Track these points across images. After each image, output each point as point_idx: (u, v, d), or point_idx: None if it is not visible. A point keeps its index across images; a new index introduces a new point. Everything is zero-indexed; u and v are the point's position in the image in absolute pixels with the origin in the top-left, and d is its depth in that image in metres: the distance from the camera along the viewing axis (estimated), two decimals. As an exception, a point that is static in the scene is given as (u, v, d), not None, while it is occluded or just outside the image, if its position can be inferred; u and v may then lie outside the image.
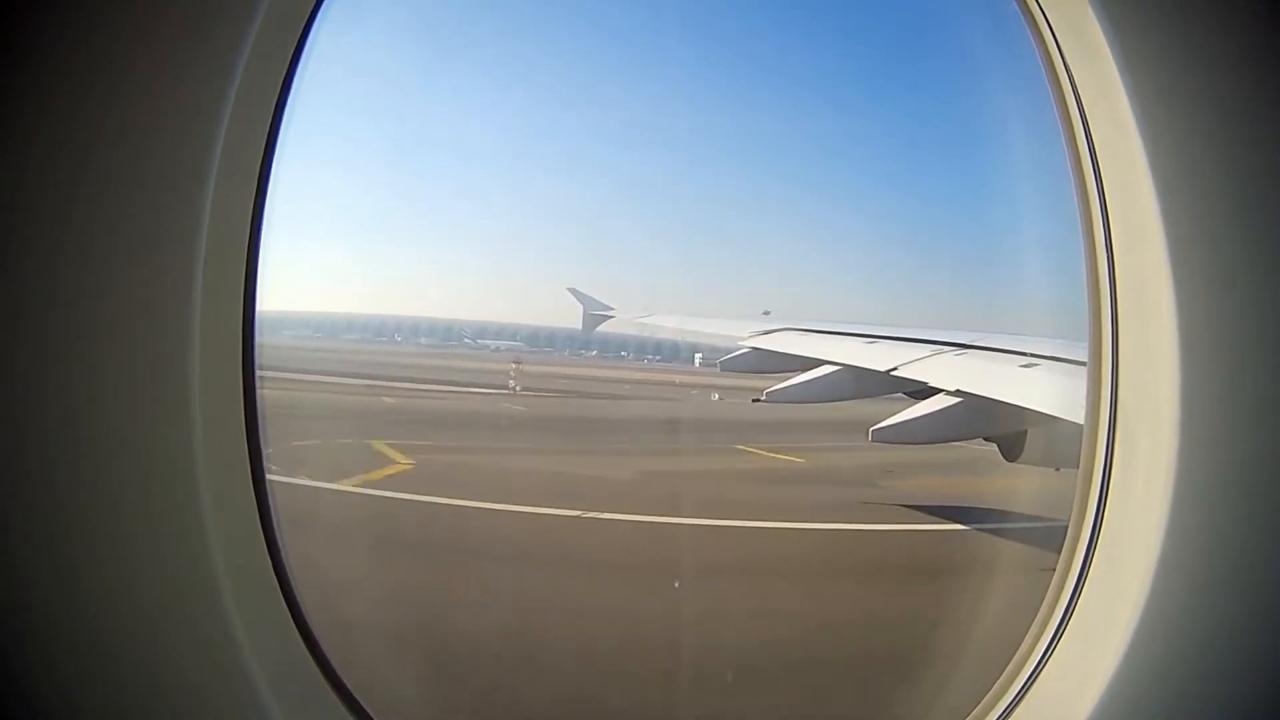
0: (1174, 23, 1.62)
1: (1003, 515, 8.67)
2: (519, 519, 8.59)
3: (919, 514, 9.46)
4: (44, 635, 1.33)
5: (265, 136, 1.52)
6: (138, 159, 1.34)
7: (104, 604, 1.34)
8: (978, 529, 8.63)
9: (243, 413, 1.53)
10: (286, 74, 1.53)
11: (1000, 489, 9.53)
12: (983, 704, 1.89)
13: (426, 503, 8.88)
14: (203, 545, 1.37)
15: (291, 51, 1.53)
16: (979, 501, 9.97)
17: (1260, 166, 1.62)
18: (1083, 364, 1.94)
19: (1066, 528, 1.89)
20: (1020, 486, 8.29)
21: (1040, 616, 1.88)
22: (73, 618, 1.33)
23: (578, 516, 8.67)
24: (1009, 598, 5.41)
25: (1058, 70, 1.84)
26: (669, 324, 14.13)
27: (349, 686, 1.67)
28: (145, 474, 1.36)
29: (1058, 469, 6.88)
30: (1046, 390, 5.92)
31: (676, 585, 6.62)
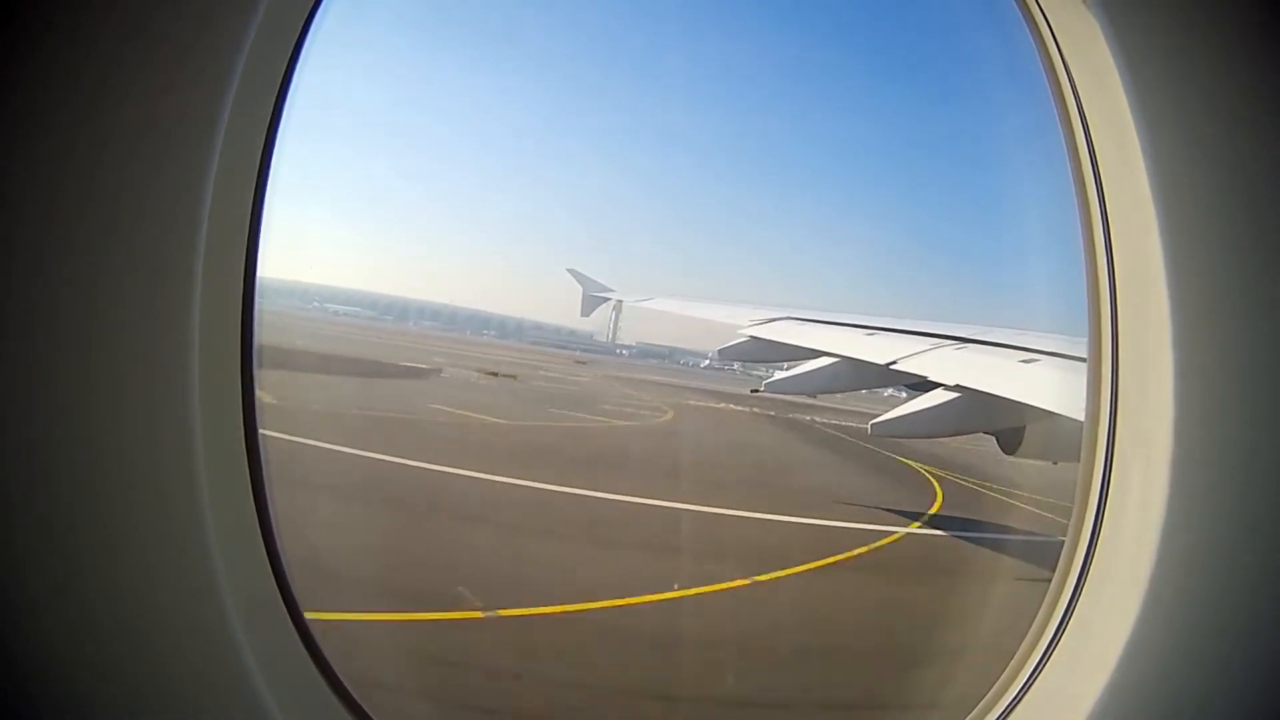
0: (1173, 23, 1.62)
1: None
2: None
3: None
4: (44, 634, 1.33)
5: (265, 135, 1.52)
6: (138, 159, 1.33)
7: (104, 603, 1.35)
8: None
9: (242, 412, 1.53)
10: (286, 72, 1.53)
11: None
12: (982, 704, 1.90)
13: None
14: (203, 545, 1.38)
15: (291, 50, 1.53)
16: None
17: (1260, 166, 1.62)
18: (1082, 360, 1.95)
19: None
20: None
21: (1040, 616, 1.89)
22: (73, 617, 1.34)
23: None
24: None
25: (1058, 70, 1.83)
26: (668, 308, 14.11)
27: (348, 686, 1.67)
28: (145, 474, 1.36)
29: (1055, 463, 6.91)
30: (1045, 386, 5.92)
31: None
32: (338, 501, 8.26)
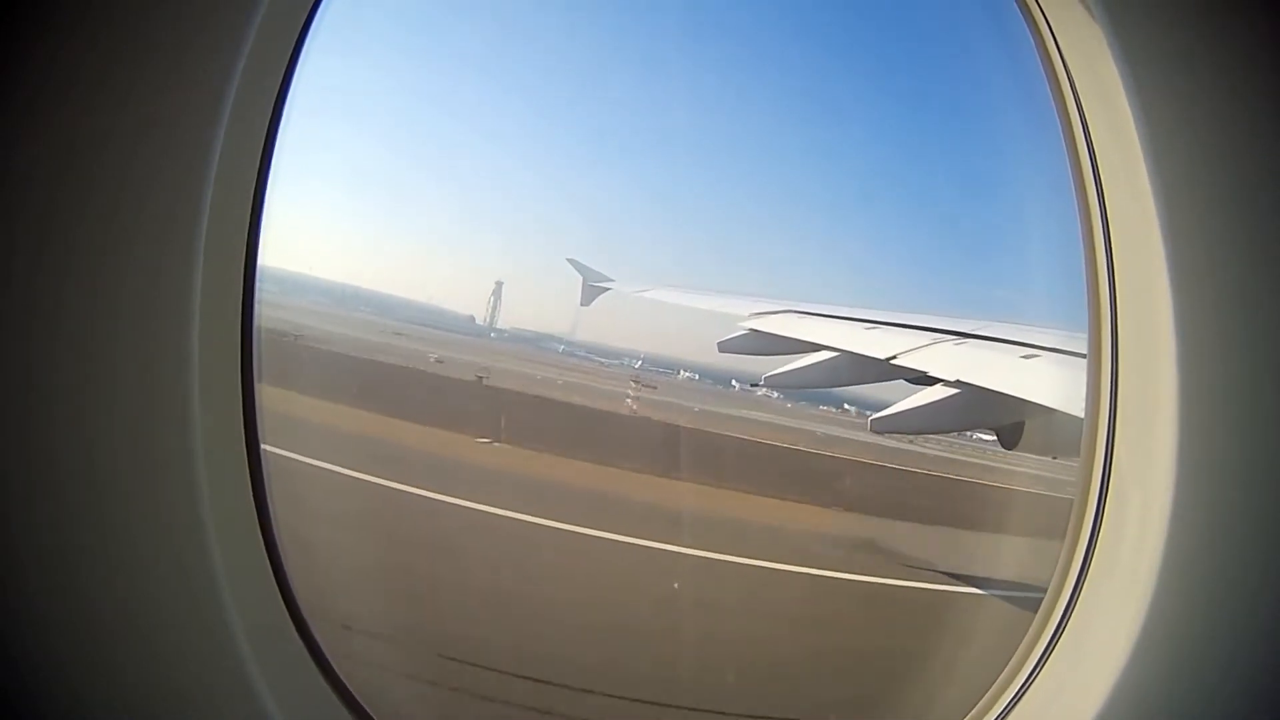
0: (1173, 23, 1.62)
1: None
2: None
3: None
4: (45, 633, 1.34)
5: (265, 135, 1.52)
6: (138, 158, 1.33)
7: (105, 603, 1.35)
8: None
9: (242, 412, 1.53)
10: (286, 73, 1.53)
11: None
12: (982, 703, 1.90)
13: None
14: (202, 544, 1.38)
15: (291, 50, 1.53)
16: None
17: (1259, 166, 1.62)
18: (1083, 356, 1.94)
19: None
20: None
21: (1040, 615, 1.89)
22: (74, 617, 1.34)
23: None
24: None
25: (1058, 70, 1.83)
26: (667, 299, 14.04)
27: (348, 686, 1.68)
28: (145, 473, 1.36)
29: (1055, 458, 6.91)
30: (1046, 383, 5.92)
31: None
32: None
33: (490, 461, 10.68)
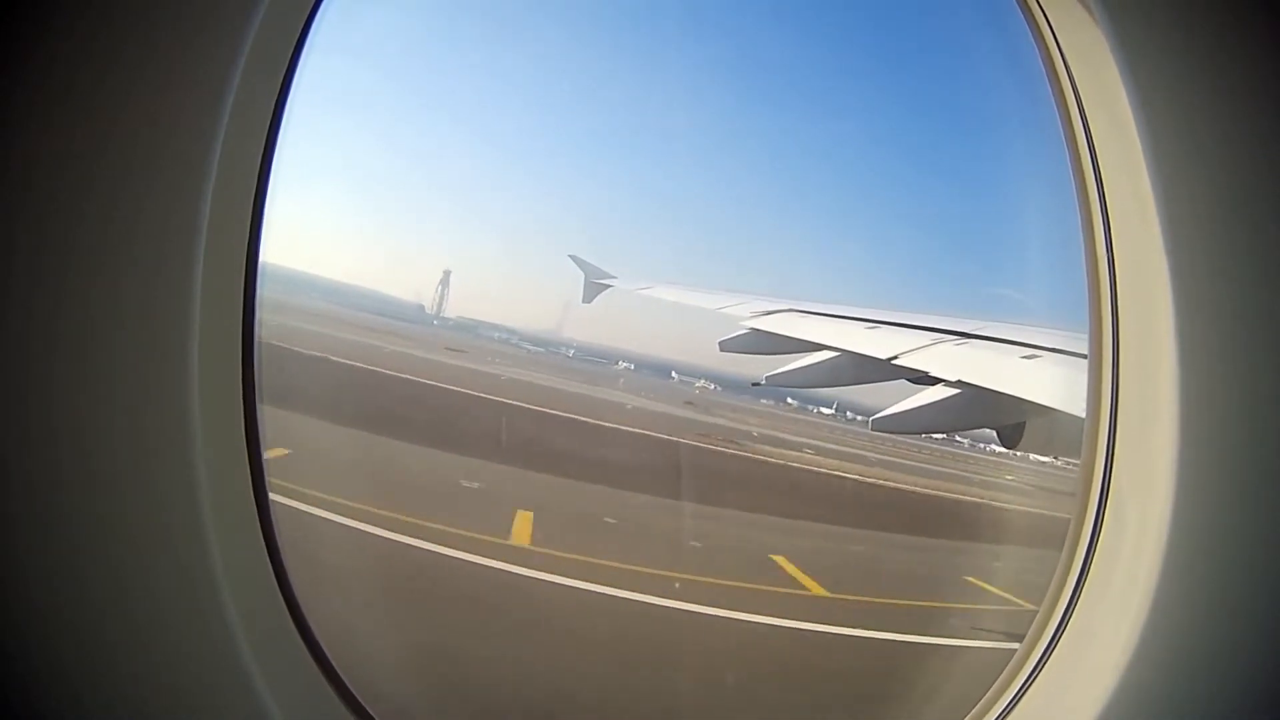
0: (1174, 23, 1.62)
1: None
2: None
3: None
4: (45, 635, 1.34)
5: (265, 135, 1.51)
6: (138, 158, 1.33)
7: (105, 604, 1.35)
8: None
9: (243, 414, 1.53)
10: (286, 73, 1.53)
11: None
12: (982, 703, 1.90)
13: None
14: (202, 546, 1.38)
15: (291, 50, 1.53)
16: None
17: (1260, 166, 1.62)
18: (1083, 356, 1.94)
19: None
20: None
21: (1041, 615, 1.88)
22: (74, 618, 1.34)
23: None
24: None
25: (1058, 71, 1.83)
26: (668, 297, 14.06)
27: (349, 686, 1.67)
28: (145, 473, 1.36)
29: (1055, 457, 6.93)
30: (1046, 383, 5.93)
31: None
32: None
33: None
